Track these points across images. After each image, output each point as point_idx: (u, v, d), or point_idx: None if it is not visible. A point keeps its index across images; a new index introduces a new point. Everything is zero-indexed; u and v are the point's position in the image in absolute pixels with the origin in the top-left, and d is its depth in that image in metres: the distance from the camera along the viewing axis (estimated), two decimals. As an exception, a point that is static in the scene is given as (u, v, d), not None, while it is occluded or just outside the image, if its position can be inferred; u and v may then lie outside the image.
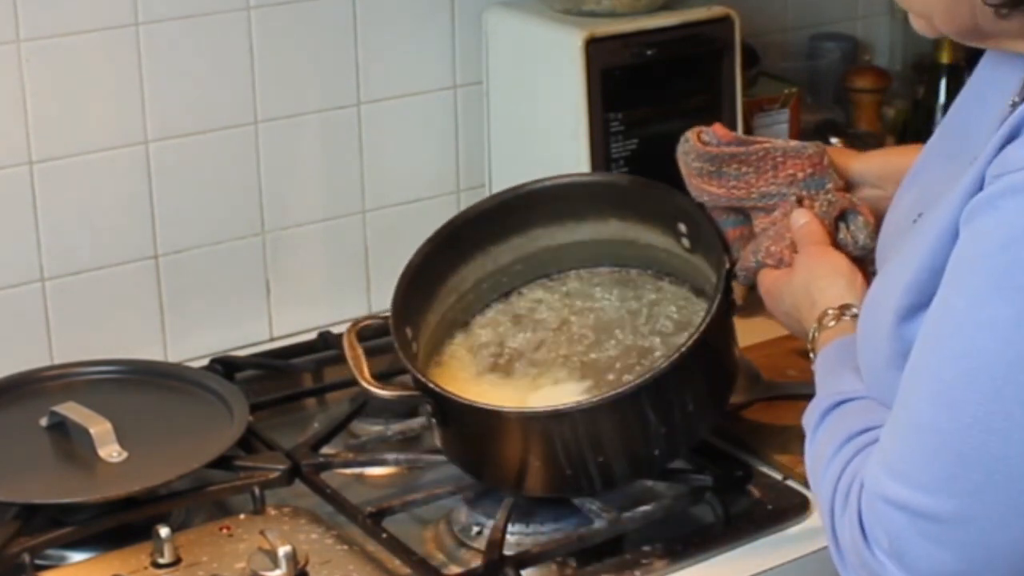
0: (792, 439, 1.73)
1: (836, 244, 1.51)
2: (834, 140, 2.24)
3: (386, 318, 1.69)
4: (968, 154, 1.25)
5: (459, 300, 1.75)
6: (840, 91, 2.38)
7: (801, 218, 1.53)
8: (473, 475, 1.63)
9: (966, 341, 1.12)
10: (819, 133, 2.26)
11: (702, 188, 1.59)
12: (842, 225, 1.53)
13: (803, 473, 1.65)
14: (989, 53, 1.33)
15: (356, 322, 1.70)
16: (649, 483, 1.66)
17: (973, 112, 1.34)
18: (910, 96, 2.37)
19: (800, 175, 1.54)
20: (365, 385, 1.60)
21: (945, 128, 1.39)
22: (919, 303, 1.19)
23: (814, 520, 1.61)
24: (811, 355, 1.41)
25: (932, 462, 1.13)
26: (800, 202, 1.54)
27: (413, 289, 1.70)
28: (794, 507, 1.63)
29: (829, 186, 1.54)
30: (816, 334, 1.41)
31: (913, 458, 1.14)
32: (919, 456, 1.14)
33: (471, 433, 1.59)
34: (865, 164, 1.59)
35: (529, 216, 1.76)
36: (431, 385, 1.58)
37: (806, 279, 1.47)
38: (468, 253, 1.75)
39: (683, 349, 1.54)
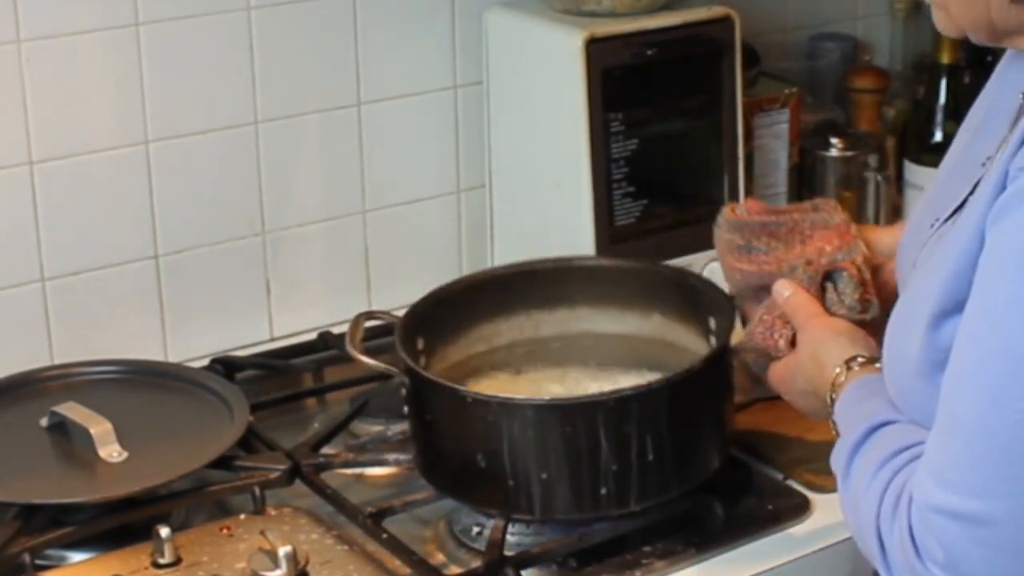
0: (792, 439, 1.73)
1: (826, 307, 1.49)
2: (834, 140, 2.24)
3: (394, 317, 1.68)
4: (980, 153, 1.25)
5: (489, 352, 1.75)
6: (840, 91, 2.38)
7: (785, 290, 1.50)
8: (425, 474, 1.61)
9: (1005, 338, 1.10)
10: (819, 133, 2.26)
11: (734, 267, 1.57)
12: (829, 286, 1.50)
13: (803, 473, 1.67)
14: (1003, 60, 1.33)
15: (368, 313, 1.72)
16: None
17: (983, 114, 1.34)
18: (910, 96, 2.37)
19: (828, 248, 1.52)
20: (350, 349, 1.63)
21: (959, 135, 1.38)
22: (950, 309, 1.18)
23: (814, 520, 1.61)
24: (832, 422, 1.38)
25: (981, 465, 1.11)
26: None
27: (442, 309, 1.69)
28: (794, 507, 1.62)
29: (859, 257, 1.52)
30: (833, 396, 1.38)
31: (961, 463, 1.12)
32: (968, 460, 1.12)
33: (434, 419, 1.57)
34: (892, 236, 1.55)
35: (578, 291, 1.76)
36: (410, 363, 1.58)
37: (811, 350, 1.44)
38: (510, 308, 1.75)
39: (652, 383, 1.54)
